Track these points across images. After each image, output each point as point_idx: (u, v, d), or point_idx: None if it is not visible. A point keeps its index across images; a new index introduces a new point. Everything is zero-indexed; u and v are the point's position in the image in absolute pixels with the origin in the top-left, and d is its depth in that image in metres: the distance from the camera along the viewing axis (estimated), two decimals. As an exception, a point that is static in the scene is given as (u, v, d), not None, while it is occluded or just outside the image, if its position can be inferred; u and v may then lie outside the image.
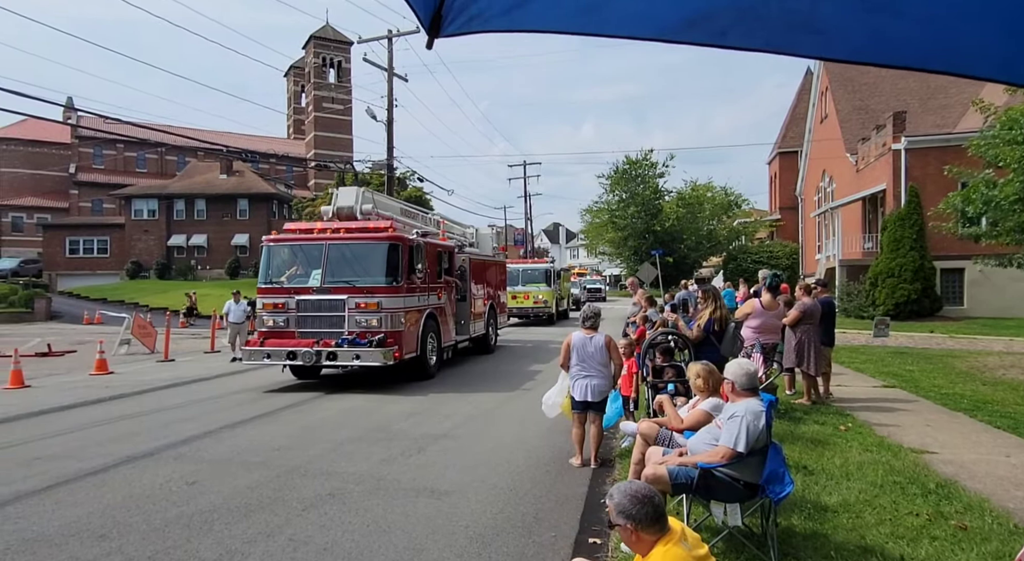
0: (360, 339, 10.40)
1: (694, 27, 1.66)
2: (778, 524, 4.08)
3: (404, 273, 10.90)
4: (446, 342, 13.03)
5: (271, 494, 5.42)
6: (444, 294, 12.84)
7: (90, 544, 4.40)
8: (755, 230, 43.30)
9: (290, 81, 69.10)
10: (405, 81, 25.64)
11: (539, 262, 28.83)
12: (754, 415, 3.84)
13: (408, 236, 11.38)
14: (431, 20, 1.69)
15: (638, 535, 2.49)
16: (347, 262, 11.00)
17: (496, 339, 17.25)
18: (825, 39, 1.69)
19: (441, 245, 13.33)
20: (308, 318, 10.86)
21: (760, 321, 7.84)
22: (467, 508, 5.07)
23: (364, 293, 10.58)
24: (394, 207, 13.49)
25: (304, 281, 10.97)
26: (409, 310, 11.04)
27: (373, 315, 10.50)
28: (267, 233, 13.59)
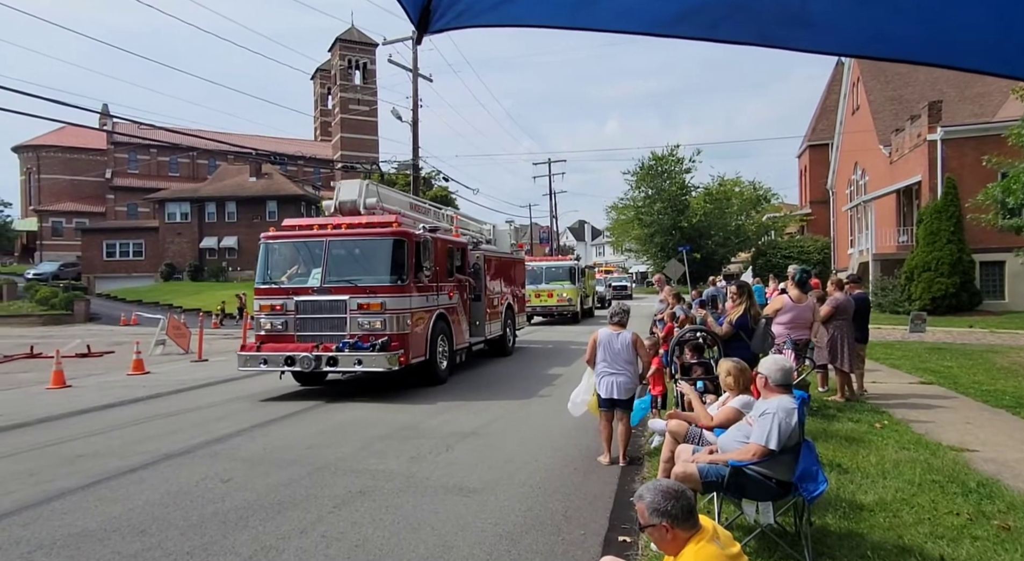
0: (362, 343, 9.69)
1: (685, 20, 1.65)
2: (812, 523, 4.03)
3: (410, 271, 10.11)
4: (458, 345, 12.24)
5: (303, 491, 5.51)
6: (456, 293, 12.10)
7: (131, 539, 4.52)
8: (785, 225, 42.54)
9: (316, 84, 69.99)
10: (430, 81, 25.80)
11: (563, 259, 28.29)
12: (786, 412, 3.78)
13: (414, 231, 10.52)
14: (420, 15, 1.69)
15: (674, 533, 2.47)
16: (349, 260, 10.32)
17: (514, 341, 16.44)
18: (818, 32, 1.66)
19: (452, 241, 12.57)
20: (307, 320, 10.13)
21: (791, 315, 7.70)
22: (496, 506, 5.09)
23: (367, 293, 9.85)
24: (401, 201, 12.51)
25: (304, 281, 10.28)
26: (416, 311, 10.29)
27: (376, 317, 9.78)
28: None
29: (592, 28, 1.78)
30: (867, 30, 1.64)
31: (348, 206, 11.20)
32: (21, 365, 16.39)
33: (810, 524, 3.96)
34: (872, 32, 1.65)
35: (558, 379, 11.56)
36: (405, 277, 10.04)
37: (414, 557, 4.21)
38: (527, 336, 19.92)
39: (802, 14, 1.60)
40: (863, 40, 1.69)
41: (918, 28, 1.61)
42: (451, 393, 10.34)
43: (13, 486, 5.79)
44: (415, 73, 24.82)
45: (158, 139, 41.71)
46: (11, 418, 9.04)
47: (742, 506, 3.97)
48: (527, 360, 14.67)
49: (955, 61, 1.73)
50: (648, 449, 6.58)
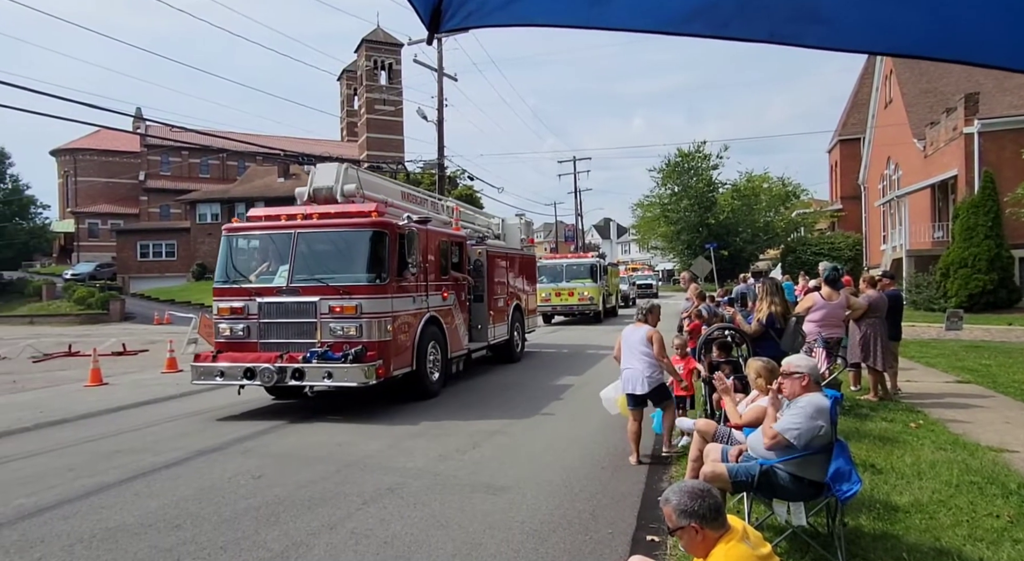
0: (333, 352, 8.30)
1: (696, 18, 1.64)
2: (845, 524, 3.95)
3: (392, 268, 8.77)
4: (454, 352, 10.85)
5: (333, 488, 5.58)
6: (451, 294, 10.80)
7: (166, 533, 4.63)
8: (815, 221, 41.82)
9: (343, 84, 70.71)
10: (454, 80, 25.89)
11: (584, 256, 27.56)
12: (817, 409, 3.72)
13: (397, 222, 9.07)
14: (430, 16, 1.70)
15: (703, 533, 2.45)
16: (320, 255, 8.99)
17: (523, 345, 14.97)
18: (829, 29, 1.64)
19: (448, 235, 11.23)
20: (272, 326, 8.79)
21: (823, 313, 7.57)
22: (523, 504, 5.10)
23: (340, 294, 8.49)
24: (390, 189, 11.09)
25: (269, 280, 8.97)
26: (400, 314, 8.95)
27: (351, 322, 8.43)
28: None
29: (603, 27, 1.77)
30: (878, 26, 1.62)
31: (323, 193, 9.67)
32: (60, 363, 16.88)
33: (843, 525, 3.88)
34: (883, 28, 1.63)
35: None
36: (386, 275, 8.69)
37: (442, 554, 4.24)
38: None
39: (813, 10, 1.59)
40: (874, 36, 1.67)
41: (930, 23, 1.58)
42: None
43: (54, 481, 5.97)
44: (440, 72, 24.93)
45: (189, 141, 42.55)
46: (51, 415, 9.32)
47: (773, 506, 3.91)
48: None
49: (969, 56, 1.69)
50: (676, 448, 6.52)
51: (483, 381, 11.58)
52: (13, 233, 46.29)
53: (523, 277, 15.38)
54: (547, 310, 23.80)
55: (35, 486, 5.81)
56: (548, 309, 23.86)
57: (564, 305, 23.98)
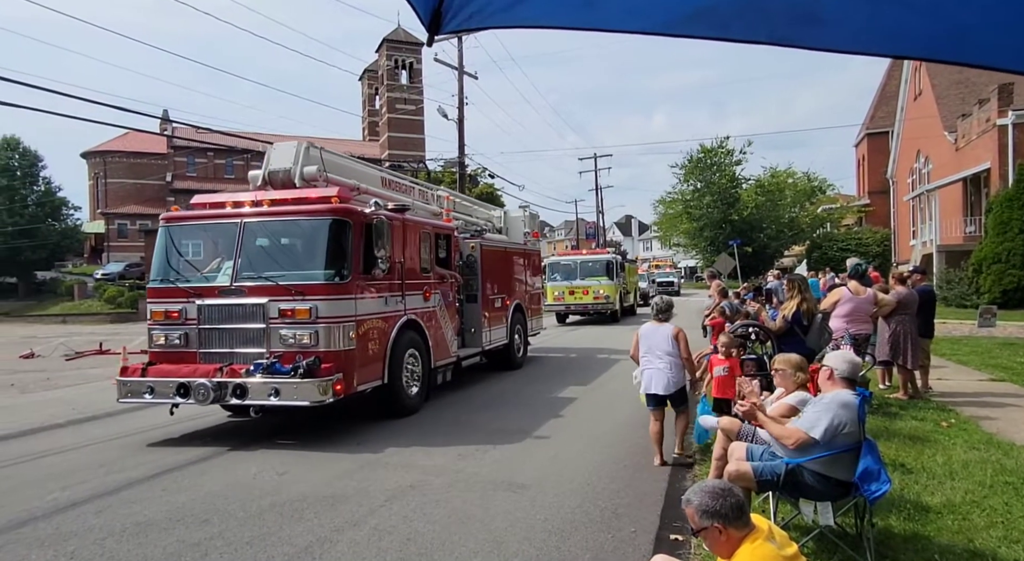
0: (283, 364, 6.96)
1: (696, 20, 1.64)
2: (874, 524, 3.87)
3: (356, 264, 7.48)
4: (440, 361, 9.50)
5: (355, 485, 5.63)
6: (437, 294, 9.51)
7: (194, 528, 4.70)
8: (841, 216, 41.10)
9: (364, 84, 71.17)
10: (475, 79, 25.93)
11: (599, 253, 26.11)
12: (842, 406, 3.65)
13: (363, 209, 7.71)
14: (431, 18, 1.71)
15: (728, 534, 2.42)
16: (270, 249, 7.75)
17: (525, 350, 13.54)
18: (829, 30, 1.64)
19: (433, 226, 9.84)
20: (213, 333, 7.50)
21: (850, 308, 7.42)
22: (544, 502, 5.09)
23: (292, 295, 7.17)
24: (365, 174, 9.58)
25: (211, 278, 7.71)
26: (366, 319, 7.59)
27: (304, 328, 7.10)
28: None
29: (603, 28, 1.78)
30: (879, 27, 1.62)
31: (280, 177, 8.25)
32: (91, 361, 17.26)
33: (872, 525, 3.80)
34: (884, 29, 1.62)
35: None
36: (348, 272, 7.38)
37: (464, 551, 4.25)
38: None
39: (813, 12, 1.59)
40: (875, 37, 1.66)
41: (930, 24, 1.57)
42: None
43: (87, 476, 6.10)
44: (460, 71, 24.98)
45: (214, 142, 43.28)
46: (83, 411, 9.54)
47: (799, 506, 3.85)
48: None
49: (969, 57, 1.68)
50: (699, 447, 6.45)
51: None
52: (46, 234, 47.53)
53: (526, 274, 14.00)
54: (560, 309, 23.14)
55: (68, 480, 5.96)
56: (561, 308, 23.13)
57: (578, 304, 22.90)
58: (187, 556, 4.25)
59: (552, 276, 22.94)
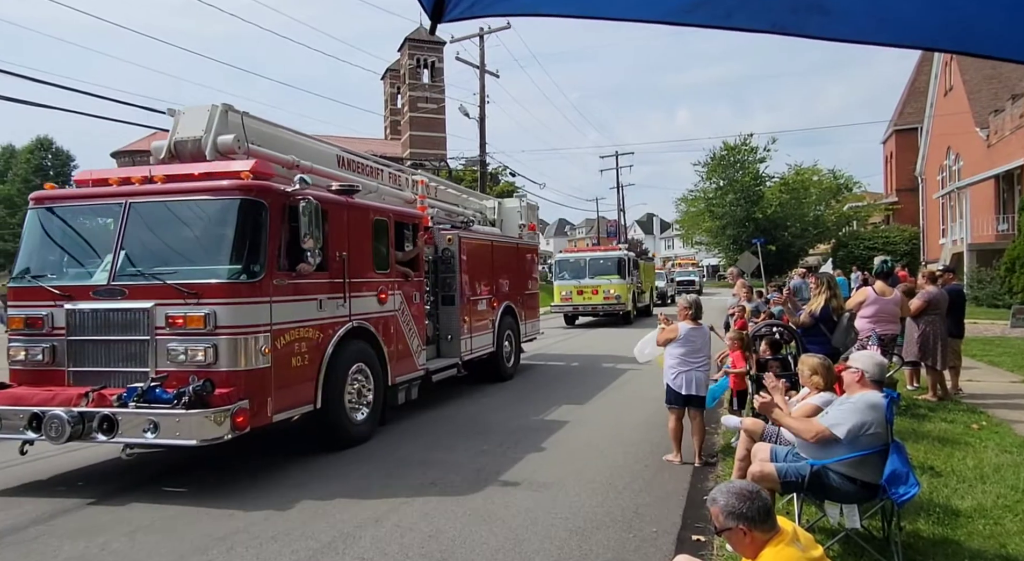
0: (165, 390, 5.31)
1: (699, 8, 1.65)
2: (902, 528, 3.81)
3: (272, 257, 5.83)
4: (401, 375, 7.79)
5: (379, 483, 5.68)
6: (396, 295, 7.76)
7: (222, 522, 4.79)
8: (868, 215, 40.36)
9: (387, 83, 71.61)
10: (496, 77, 25.98)
11: (609, 249, 24.44)
12: (870, 407, 3.60)
13: (283, 187, 6.10)
14: (434, 5, 1.72)
15: (752, 536, 2.40)
16: (162, 238, 6.00)
17: (517, 358, 11.79)
18: (833, 19, 1.64)
19: (393, 213, 7.97)
20: (85, 346, 5.83)
21: (875, 309, 7.29)
22: (565, 501, 5.08)
23: (184, 298, 5.55)
24: (314, 150, 7.79)
25: (84, 276, 6.01)
26: (289, 328, 5.99)
27: (198, 341, 5.48)
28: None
29: (605, 16, 1.79)
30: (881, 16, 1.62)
31: (189, 148, 6.56)
32: None
33: (900, 529, 3.74)
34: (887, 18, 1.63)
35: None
36: (259, 268, 5.74)
37: (485, 549, 4.26)
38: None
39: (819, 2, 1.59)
40: (878, 26, 1.67)
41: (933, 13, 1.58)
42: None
43: (114, 472, 6.23)
44: (482, 69, 25.02)
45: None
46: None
47: (824, 508, 3.80)
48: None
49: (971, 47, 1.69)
50: (724, 444, 6.40)
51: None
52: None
53: (519, 272, 12.20)
54: (568, 310, 21.57)
55: (96, 478, 6.06)
56: (569, 309, 21.52)
57: (586, 304, 21.15)
58: None
59: (559, 274, 21.80)
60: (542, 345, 15.00)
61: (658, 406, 6.91)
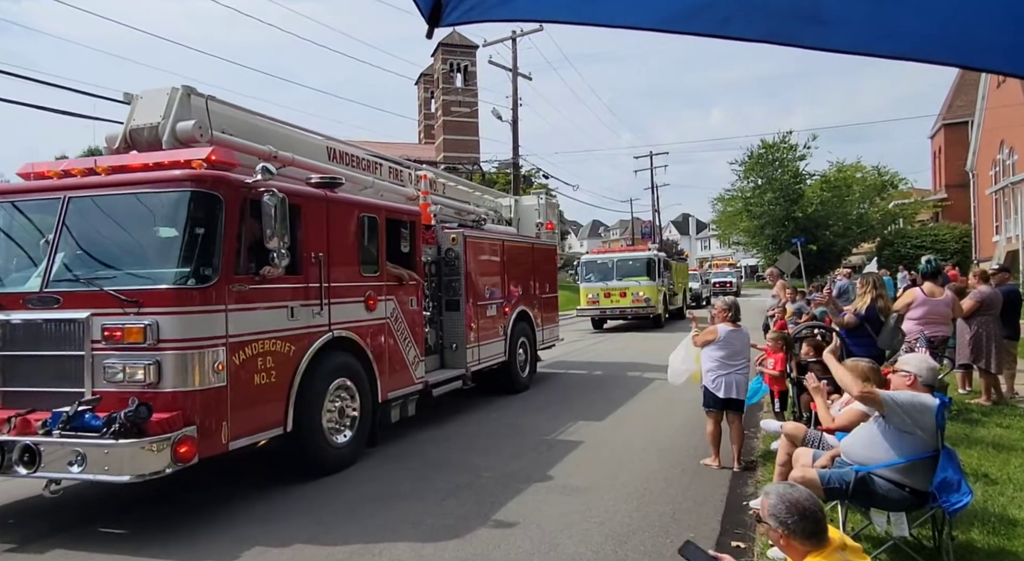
0: (95, 415, 4.52)
1: (695, 17, 1.66)
2: (954, 537, 3.65)
3: (227, 258, 5.05)
4: (395, 390, 7.00)
5: (410, 485, 5.69)
6: (387, 301, 6.92)
7: (257, 526, 4.86)
8: (915, 212, 39.06)
9: (420, 88, 72.38)
10: (529, 80, 25.99)
11: (637, 250, 23.33)
12: (923, 404, 3.47)
13: (241, 178, 5.25)
14: (431, 9, 1.73)
15: (788, 541, 2.32)
16: (103, 238, 5.29)
17: (532, 367, 10.81)
18: (830, 30, 1.65)
19: (385, 209, 7.14)
20: (16, 363, 5.08)
21: (924, 310, 7.03)
22: (600, 505, 5.02)
23: (122, 306, 4.76)
24: (299, 140, 7.06)
25: (20, 283, 5.31)
26: (250, 340, 5.20)
27: (137, 357, 4.70)
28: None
29: (601, 23, 1.81)
30: (880, 28, 1.63)
31: (145, 136, 5.83)
32: None
33: (952, 538, 3.58)
34: (885, 30, 1.63)
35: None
36: (212, 271, 4.97)
37: (520, 552, 4.23)
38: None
39: (815, 11, 1.60)
40: (876, 38, 1.67)
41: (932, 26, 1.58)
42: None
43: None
44: (514, 73, 25.07)
45: (279, 150, 44.73)
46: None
47: (870, 515, 3.66)
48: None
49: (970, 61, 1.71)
50: (764, 448, 6.24)
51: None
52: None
53: (535, 274, 11.25)
54: (595, 314, 20.67)
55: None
56: (596, 313, 20.60)
57: (614, 308, 20.26)
58: None
59: (586, 276, 21.06)
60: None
61: (694, 409, 6.79)
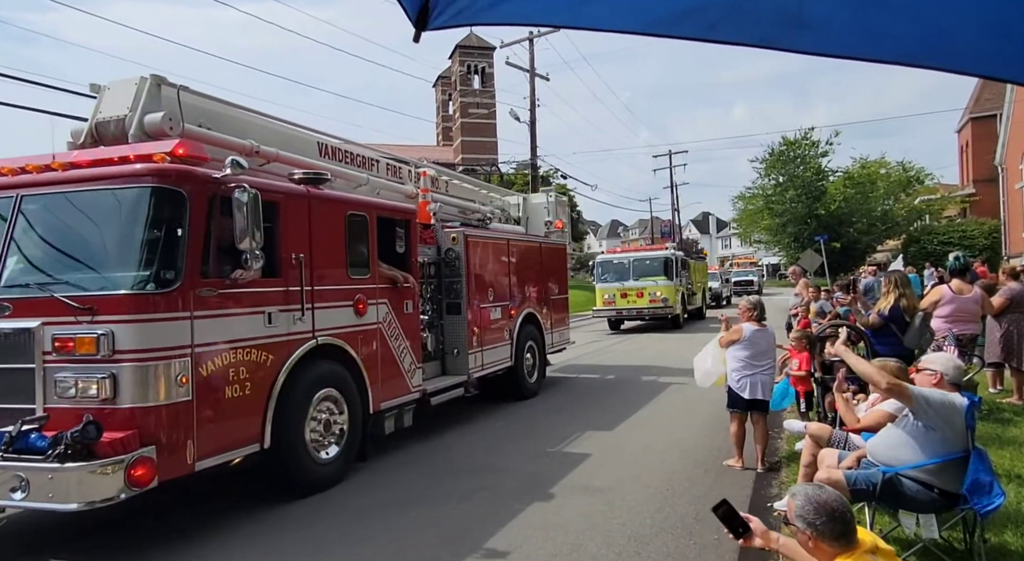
0: (43, 436, 4.11)
1: (684, 21, 1.69)
2: (986, 540, 3.57)
3: (191, 259, 4.64)
4: (388, 400, 6.58)
5: (426, 490, 5.72)
6: (379, 304, 6.50)
7: (292, 529, 4.93)
8: (942, 208, 38.31)
9: (438, 91, 72.72)
10: (546, 80, 25.98)
11: (654, 249, 23.00)
12: (952, 402, 3.41)
13: (208, 172, 4.82)
14: (418, 13, 1.74)
15: (816, 543, 2.29)
16: (57, 240, 4.88)
17: (541, 372, 10.37)
18: (815, 34, 1.68)
19: (376, 207, 6.73)
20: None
21: (952, 308, 6.90)
22: (622, 506, 5.00)
23: (75, 314, 4.36)
24: (287, 135, 6.62)
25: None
26: (220, 350, 4.80)
27: (91, 370, 4.30)
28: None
29: (589, 27, 1.83)
30: (864, 32, 1.65)
31: (112, 129, 5.35)
32: None
33: (984, 541, 3.50)
34: (869, 34, 1.66)
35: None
36: (174, 273, 4.56)
37: (542, 553, 4.23)
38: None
39: (800, 16, 1.62)
40: (860, 42, 1.69)
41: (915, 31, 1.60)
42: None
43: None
44: (532, 73, 25.08)
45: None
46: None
47: (899, 517, 3.60)
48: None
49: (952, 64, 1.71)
50: (788, 450, 6.17)
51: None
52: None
53: (543, 275, 10.79)
54: (611, 314, 20.33)
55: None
56: (612, 313, 20.25)
57: (631, 308, 19.87)
58: None
59: (602, 277, 20.78)
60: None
61: (715, 409, 6.74)
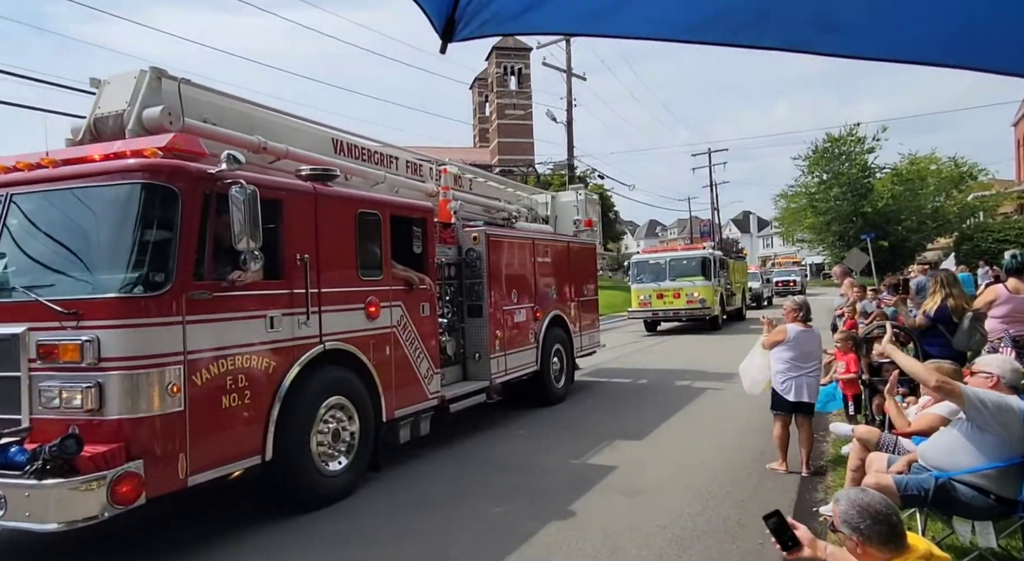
0: (23, 449, 3.88)
1: (709, 27, 1.69)
2: (1047, 551, 3.43)
3: (183, 260, 4.37)
4: (403, 408, 6.27)
5: (469, 487, 5.77)
6: (394, 307, 6.19)
7: (331, 524, 5.03)
8: (997, 204, 36.79)
9: (475, 93, 73.20)
10: (583, 80, 25.92)
11: (691, 249, 22.45)
12: (1010, 404, 3.29)
13: (204, 168, 4.56)
14: (444, 25, 1.76)
15: (864, 549, 2.24)
16: (46, 240, 4.64)
17: (569, 377, 9.94)
18: (842, 38, 1.66)
19: (389, 205, 6.41)
20: None
21: (1008, 308, 6.63)
22: (663, 508, 4.96)
23: (60, 319, 4.12)
24: (299, 130, 6.43)
25: None
26: (217, 356, 4.53)
27: (76, 379, 4.06)
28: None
29: (616, 35, 1.84)
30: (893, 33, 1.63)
31: (110, 125, 5.15)
32: None
33: (1044, 551, 3.37)
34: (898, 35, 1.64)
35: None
36: (164, 276, 4.31)
37: (581, 554, 4.23)
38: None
39: (827, 19, 1.61)
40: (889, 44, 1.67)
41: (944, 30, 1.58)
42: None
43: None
44: (569, 73, 25.04)
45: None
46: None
47: (953, 524, 3.50)
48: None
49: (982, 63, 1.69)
50: (834, 453, 6.03)
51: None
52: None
53: (571, 275, 10.32)
54: (647, 316, 19.86)
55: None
56: (648, 315, 19.78)
57: (667, 309, 19.38)
58: None
59: (637, 277, 20.33)
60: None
61: (758, 411, 6.64)
